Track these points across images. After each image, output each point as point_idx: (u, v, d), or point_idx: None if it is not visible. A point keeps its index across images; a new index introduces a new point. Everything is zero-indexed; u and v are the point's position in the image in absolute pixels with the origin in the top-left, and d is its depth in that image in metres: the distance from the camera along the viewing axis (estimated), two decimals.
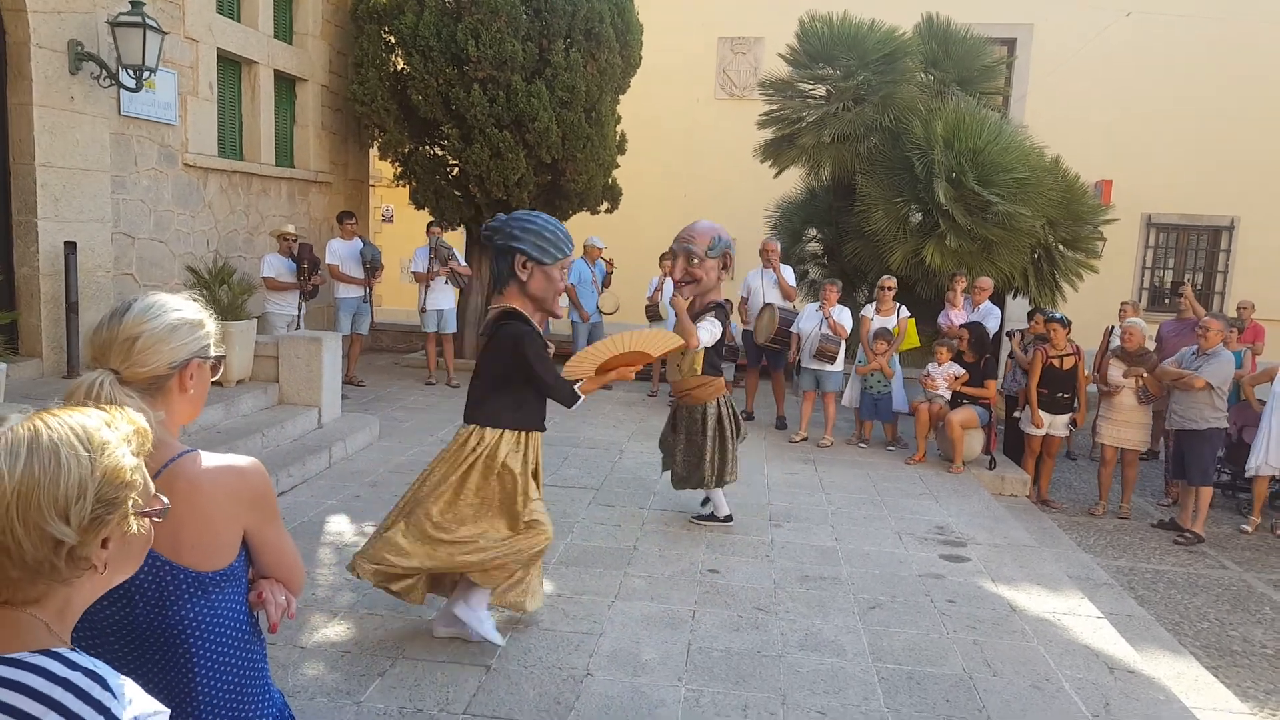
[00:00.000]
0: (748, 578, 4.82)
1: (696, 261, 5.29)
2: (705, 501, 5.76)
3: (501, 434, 3.65)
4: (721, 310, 5.35)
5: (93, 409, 1.15)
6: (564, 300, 11.29)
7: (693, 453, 5.46)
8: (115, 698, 1.02)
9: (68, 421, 1.09)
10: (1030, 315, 8.94)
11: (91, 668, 1.05)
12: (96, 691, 1.02)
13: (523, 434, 3.71)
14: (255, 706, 1.64)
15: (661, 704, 3.46)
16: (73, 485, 1.05)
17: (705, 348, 5.26)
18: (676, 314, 5.26)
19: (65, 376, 6.56)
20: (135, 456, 1.13)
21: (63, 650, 1.06)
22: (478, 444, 3.63)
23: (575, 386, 3.76)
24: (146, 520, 1.16)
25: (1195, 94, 13.94)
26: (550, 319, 5.44)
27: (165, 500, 1.22)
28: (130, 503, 1.11)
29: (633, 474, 6.78)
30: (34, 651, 1.05)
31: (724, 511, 5.66)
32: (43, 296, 6.50)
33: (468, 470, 3.63)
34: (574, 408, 3.80)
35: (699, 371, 5.38)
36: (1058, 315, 7.84)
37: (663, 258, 9.83)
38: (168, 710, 1.11)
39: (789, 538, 5.53)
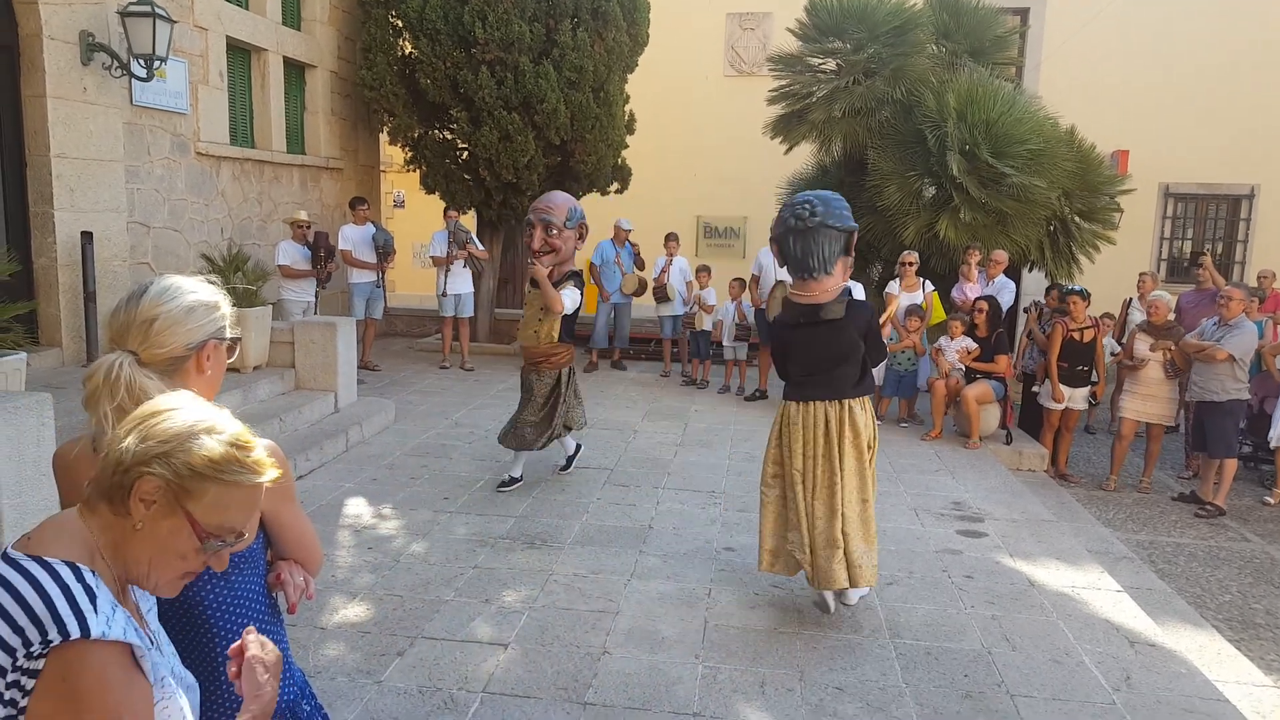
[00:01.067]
0: None
1: (555, 232, 5.46)
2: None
3: (866, 401, 4.07)
4: (579, 279, 5.58)
5: (254, 439, 1.31)
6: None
7: (545, 416, 5.65)
8: (95, 613, 1.16)
9: (223, 421, 1.29)
10: (1048, 291, 8.87)
11: (92, 585, 1.19)
12: (83, 602, 1.16)
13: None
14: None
15: (679, 681, 3.48)
16: (172, 432, 1.23)
17: (564, 315, 5.51)
18: (539, 282, 5.44)
19: (84, 365, 6.63)
20: (221, 467, 1.24)
21: (82, 567, 1.20)
22: (864, 413, 4.01)
23: None
24: (198, 542, 1.26)
25: (1212, 61, 13.71)
26: (578, 302, 5.63)
27: (225, 561, 1.33)
28: (182, 488, 1.22)
29: (646, 454, 6.79)
30: (62, 560, 1.19)
31: (572, 448, 6.16)
32: (61, 286, 6.55)
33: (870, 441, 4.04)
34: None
35: (555, 339, 5.57)
36: (1077, 288, 7.77)
37: (668, 238, 9.80)
38: (146, 647, 1.22)
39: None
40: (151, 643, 1.30)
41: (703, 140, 14.54)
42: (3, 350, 5.12)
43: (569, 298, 5.43)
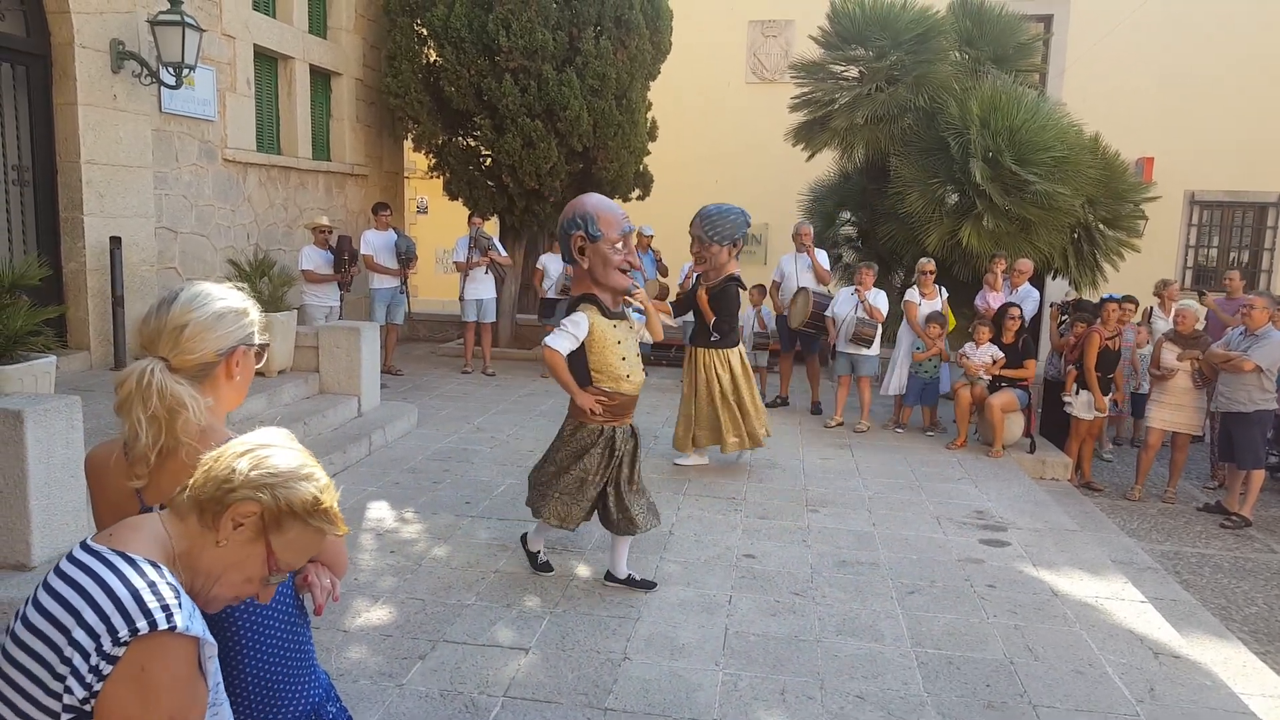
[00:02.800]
0: (784, 563, 4.82)
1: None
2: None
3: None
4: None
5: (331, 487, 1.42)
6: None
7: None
8: (181, 608, 1.22)
9: (314, 469, 1.40)
10: (1075, 305, 8.79)
11: (174, 584, 1.26)
12: (170, 597, 1.23)
13: None
14: (303, 686, 1.68)
15: (699, 688, 3.48)
16: (284, 469, 1.34)
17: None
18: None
19: (112, 369, 6.72)
20: (312, 509, 1.36)
21: (164, 568, 1.28)
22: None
23: None
24: (265, 572, 1.37)
25: (1237, 67, 13.56)
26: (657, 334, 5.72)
27: (270, 595, 1.43)
28: (275, 520, 1.33)
29: (668, 459, 6.80)
30: (145, 558, 1.27)
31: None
32: (90, 291, 6.65)
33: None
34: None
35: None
36: (1117, 296, 7.72)
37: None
38: (214, 644, 1.29)
39: (825, 523, 5.52)
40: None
41: (725, 147, 14.54)
42: (33, 353, 5.20)
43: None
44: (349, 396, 7.25)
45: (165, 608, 1.20)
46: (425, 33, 10.24)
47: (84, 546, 1.28)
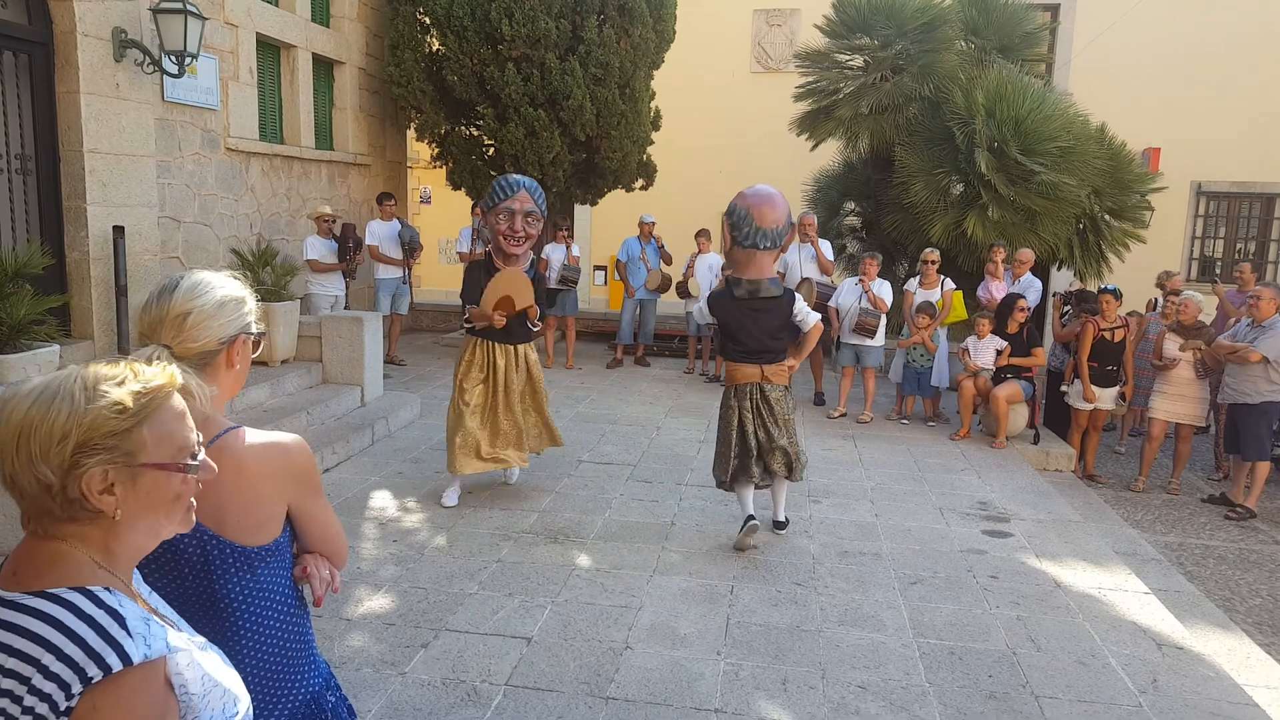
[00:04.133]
0: (786, 553, 4.82)
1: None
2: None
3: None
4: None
5: (136, 363, 1.21)
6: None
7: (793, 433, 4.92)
8: (130, 637, 1.09)
9: (90, 370, 1.16)
10: (1078, 295, 8.76)
11: (115, 607, 1.11)
12: (114, 630, 1.09)
13: None
14: (302, 676, 1.68)
15: (700, 677, 3.48)
16: (56, 429, 1.11)
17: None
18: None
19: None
20: (136, 408, 1.16)
21: (94, 588, 1.13)
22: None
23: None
24: (180, 475, 1.21)
25: (1245, 57, 13.47)
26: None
27: (212, 466, 1.27)
28: (124, 453, 1.14)
29: (669, 450, 6.80)
30: (70, 588, 1.12)
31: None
32: (93, 280, 6.64)
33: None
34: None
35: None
36: (1110, 287, 7.68)
37: (698, 235, 9.78)
38: (193, 645, 1.18)
39: (828, 514, 5.51)
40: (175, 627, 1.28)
41: (728, 137, 14.50)
42: (36, 342, 5.21)
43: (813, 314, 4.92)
44: (352, 386, 7.25)
45: (114, 643, 1.07)
46: (428, 21, 10.20)
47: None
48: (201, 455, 1.24)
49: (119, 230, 6.63)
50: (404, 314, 9.92)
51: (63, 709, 1.04)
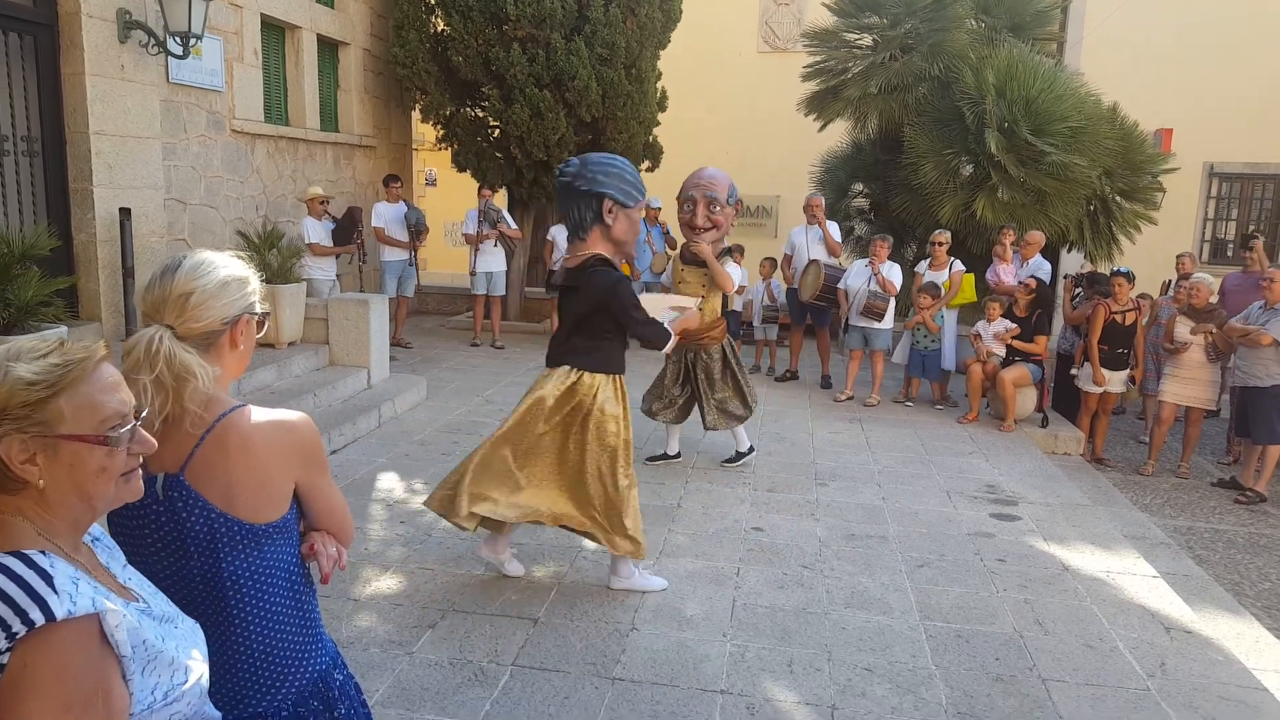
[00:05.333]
0: (793, 536, 4.81)
1: (718, 208, 5.39)
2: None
3: (599, 377, 3.75)
4: (733, 253, 5.66)
5: (66, 341, 1.22)
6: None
7: (735, 387, 5.67)
8: (55, 594, 1.11)
9: (14, 344, 1.18)
10: (1090, 278, 8.69)
11: (45, 568, 1.14)
12: (40, 588, 1.11)
13: (617, 378, 3.80)
14: (309, 655, 1.68)
15: (706, 658, 3.48)
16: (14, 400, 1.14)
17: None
18: (706, 260, 5.33)
19: (123, 340, 6.71)
20: (51, 380, 1.17)
21: (31, 552, 1.15)
22: (576, 383, 3.72)
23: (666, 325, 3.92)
24: (103, 447, 1.21)
25: (1260, 39, 13.30)
26: (742, 277, 5.78)
27: (150, 440, 1.28)
28: (37, 423, 1.16)
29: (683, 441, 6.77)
30: (5, 552, 1.14)
31: (746, 444, 5.96)
32: (100, 262, 6.65)
33: (571, 413, 3.74)
34: (667, 348, 3.96)
35: (719, 312, 5.49)
36: (1123, 269, 7.62)
37: None
38: (120, 608, 1.18)
39: (835, 496, 5.50)
40: (135, 599, 1.28)
41: (735, 117, 14.40)
42: (43, 324, 5.22)
43: (735, 272, 5.36)
44: (358, 369, 7.26)
45: (38, 599, 1.10)
46: (432, 1, 10.13)
47: None
48: (130, 427, 1.24)
49: (125, 212, 6.63)
50: (410, 296, 9.91)
51: None
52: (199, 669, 1.28)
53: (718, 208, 5.35)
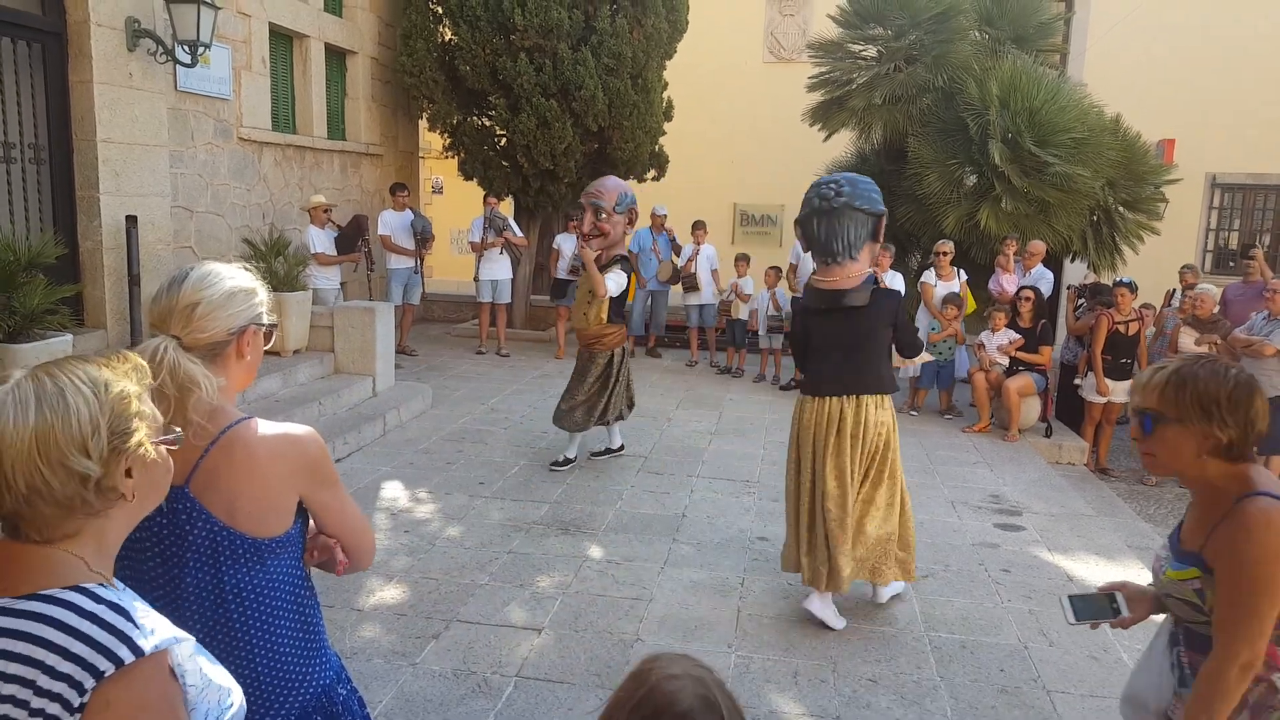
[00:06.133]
0: None
1: (605, 216, 5.58)
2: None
3: (885, 400, 3.89)
4: (626, 263, 5.70)
5: (90, 357, 1.22)
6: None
7: (592, 395, 5.83)
8: (137, 628, 1.09)
9: (68, 368, 1.16)
10: (1092, 288, 8.69)
11: (116, 601, 1.12)
12: (120, 623, 1.08)
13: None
14: (313, 670, 1.68)
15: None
16: (85, 421, 1.12)
17: (610, 298, 5.60)
18: (585, 265, 5.58)
19: (129, 348, 6.73)
20: (138, 387, 1.19)
21: (90, 585, 1.13)
22: (881, 412, 3.85)
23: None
24: (164, 448, 1.22)
25: (1262, 48, 13.31)
26: (623, 285, 5.84)
27: (177, 430, 1.28)
28: (143, 430, 1.17)
29: (680, 442, 6.79)
30: (65, 588, 1.11)
31: (618, 442, 6.24)
32: (106, 269, 6.67)
33: (888, 440, 3.87)
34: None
35: (604, 320, 5.66)
36: (1125, 280, 7.63)
37: (695, 226, 9.75)
38: (190, 637, 1.17)
39: None
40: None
41: (741, 127, 14.43)
42: (49, 331, 5.24)
43: (613, 281, 5.54)
44: (364, 376, 7.27)
45: (123, 636, 1.07)
46: (440, 11, 10.18)
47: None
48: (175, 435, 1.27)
49: (132, 220, 6.65)
50: (416, 304, 9.93)
51: (76, 706, 1.03)
52: (238, 691, 1.28)
53: (604, 215, 5.55)
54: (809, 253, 3.99)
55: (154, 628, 1.12)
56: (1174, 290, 9.17)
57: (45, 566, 1.12)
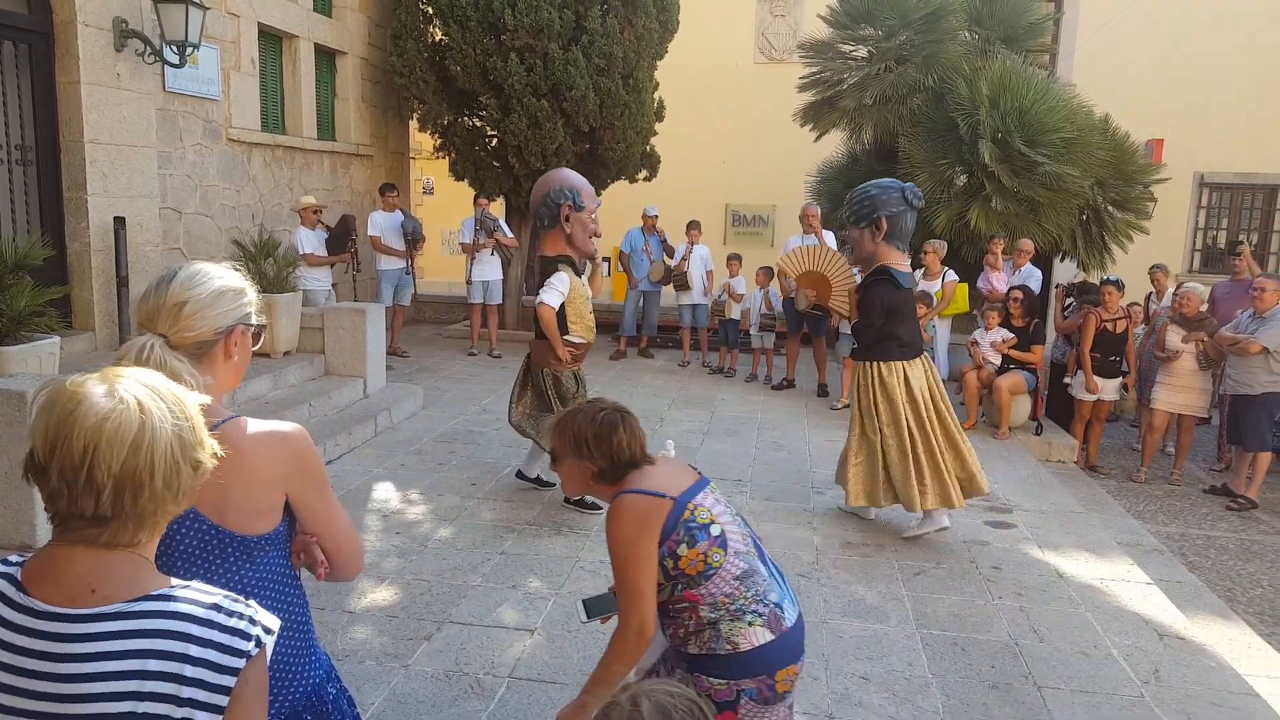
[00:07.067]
0: (789, 544, 4.82)
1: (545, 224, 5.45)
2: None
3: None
4: (569, 264, 5.20)
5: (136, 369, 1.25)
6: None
7: (528, 404, 5.42)
8: (245, 620, 1.18)
9: (149, 376, 1.22)
10: (1080, 287, 8.73)
11: (216, 602, 1.19)
12: (246, 610, 1.19)
13: None
14: (303, 669, 1.67)
15: None
16: (197, 419, 1.22)
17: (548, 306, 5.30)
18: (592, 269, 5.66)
19: (117, 349, 6.70)
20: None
21: (191, 583, 1.21)
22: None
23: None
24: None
25: (1250, 48, 13.40)
26: (599, 292, 5.70)
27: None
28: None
29: (674, 442, 6.78)
30: (169, 589, 1.17)
31: (534, 473, 5.55)
32: (94, 271, 6.64)
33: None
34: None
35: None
36: (1112, 278, 7.67)
37: (690, 226, 9.76)
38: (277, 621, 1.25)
39: (831, 504, 5.51)
40: None
41: (732, 127, 14.45)
42: (37, 334, 5.21)
43: (554, 295, 5.13)
44: (355, 378, 7.25)
45: (251, 619, 1.19)
46: (430, 11, 10.16)
47: (121, 616, 1.13)
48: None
49: (120, 221, 6.62)
50: (406, 305, 9.91)
51: (226, 687, 1.13)
52: None
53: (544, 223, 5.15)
54: (887, 240, 4.72)
55: (252, 616, 1.21)
56: (1150, 294, 9.20)
57: (135, 569, 1.18)
